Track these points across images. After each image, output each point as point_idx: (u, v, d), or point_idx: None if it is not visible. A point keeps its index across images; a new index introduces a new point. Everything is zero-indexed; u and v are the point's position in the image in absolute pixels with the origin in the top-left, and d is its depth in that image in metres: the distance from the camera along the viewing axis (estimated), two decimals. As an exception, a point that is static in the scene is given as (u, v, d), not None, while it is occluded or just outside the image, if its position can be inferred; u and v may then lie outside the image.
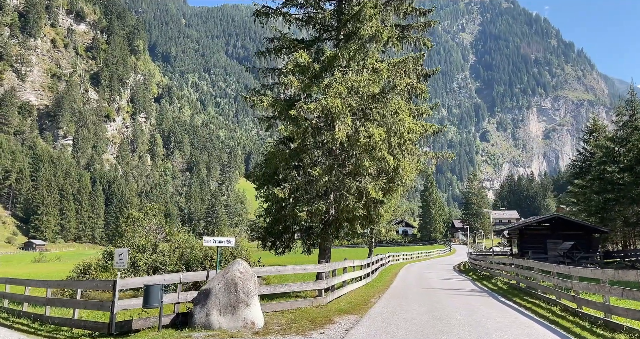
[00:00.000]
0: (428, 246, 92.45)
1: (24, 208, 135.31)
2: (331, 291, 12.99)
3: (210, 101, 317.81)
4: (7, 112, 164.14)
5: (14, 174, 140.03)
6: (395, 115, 14.90)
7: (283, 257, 17.83)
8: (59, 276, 26.22)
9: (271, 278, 20.63)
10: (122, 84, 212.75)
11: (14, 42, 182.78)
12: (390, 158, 14.55)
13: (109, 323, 8.68)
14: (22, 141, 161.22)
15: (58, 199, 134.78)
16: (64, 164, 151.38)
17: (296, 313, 10.78)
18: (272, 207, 15.25)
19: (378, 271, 25.62)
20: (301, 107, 13.94)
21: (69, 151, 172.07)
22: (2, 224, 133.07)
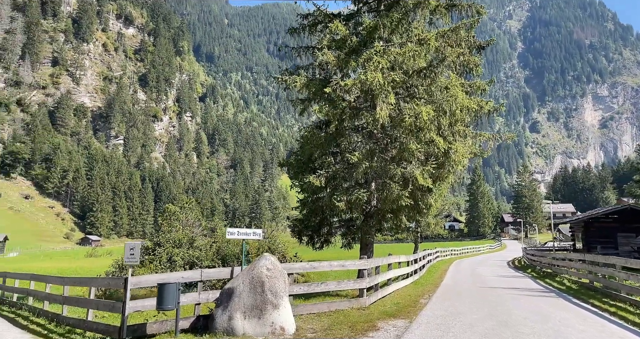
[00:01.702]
0: (476, 241, 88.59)
1: (80, 205, 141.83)
2: (374, 291, 11.49)
3: (253, 98, 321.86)
4: (64, 114, 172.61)
5: (71, 173, 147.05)
6: (445, 91, 13.13)
7: (321, 252, 16.47)
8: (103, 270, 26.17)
9: (311, 275, 19.36)
10: (169, 84, 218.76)
11: (69, 47, 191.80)
12: (440, 140, 12.81)
13: (120, 327, 7.61)
14: (78, 142, 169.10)
15: (111, 196, 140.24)
16: (115, 163, 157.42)
17: (334, 316, 9.37)
18: (308, 198, 13.90)
19: (426, 268, 23.80)
20: (337, 84, 12.45)
21: (120, 150, 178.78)
22: (61, 221, 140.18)
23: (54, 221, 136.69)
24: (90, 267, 34.12)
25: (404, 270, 16.13)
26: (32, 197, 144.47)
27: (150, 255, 20.51)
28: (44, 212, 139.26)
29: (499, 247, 71.02)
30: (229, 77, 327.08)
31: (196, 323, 8.26)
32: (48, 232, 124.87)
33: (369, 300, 10.55)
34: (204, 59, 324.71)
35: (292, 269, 9.33)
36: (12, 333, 9.11)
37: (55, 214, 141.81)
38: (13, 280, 13.26)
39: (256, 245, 19.14)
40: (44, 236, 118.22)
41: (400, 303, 11.77)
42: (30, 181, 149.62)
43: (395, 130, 13.27)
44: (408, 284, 16.16)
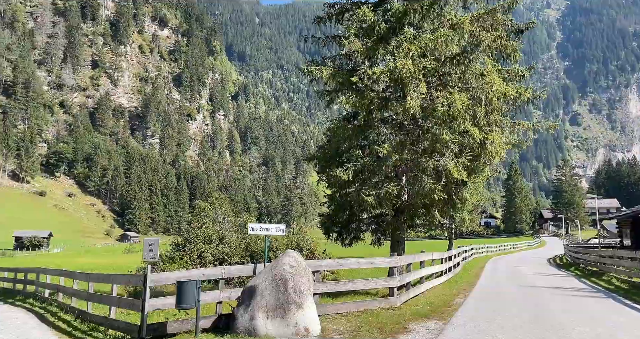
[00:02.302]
0: (513, 238, 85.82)
1: (119, 203, 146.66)
2: (406, 290, 10.90)
3: (284, 96, 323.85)
4: (103, 115, 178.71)
5: (110, 172, 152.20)
6: (480, 78, 12.33)
7: (351, 249, 15.98)
8: (137, 266, 26.54)
9: (341, 273, 18.87)
10: (202, 83, 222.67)
11: (107, 49, 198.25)
12: (476, 130, 12.04)
13: (140, 326, 7.37)
14: (116, 141, 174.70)
15: (148, 194, 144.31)
16: (152, 162, 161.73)
17: (362, 316, 8.86)
18: (335, 193, 13.40)
19: (461, 265, 22.89)
20: (365, 73, 11.88)
21: (156, 149, 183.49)
22: (102, 218, 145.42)
23: (95, 218, 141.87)
24: (126, 263, 34.81)
25: (438, 268, 15.43)
26: (75, 195, 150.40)
27: (181, 251, 20.54)
28: (85, 210, 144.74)
29: (538, 244, 68.45)
30: (260, 76, 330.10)
31: (218, 322, 7.95)
32: (90, 228, 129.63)
33: (400, 299, 9.98)
34: (235, 58, 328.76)
35: (318, 266, 8.88)
36: (39, 330, 9.09)
37: (96, 211, 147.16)
38: (45, 276, 13.41)
39: (285, 241, 18.83)
40: (86, 233, 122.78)
41: (434, 302, 11.14)
42: (73, 180, 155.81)
43: (427, 120, 12.60)
44: (442, 282, 15.45)
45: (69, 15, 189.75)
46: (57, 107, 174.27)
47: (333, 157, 13.22)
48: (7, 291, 16.82)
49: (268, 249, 9.28)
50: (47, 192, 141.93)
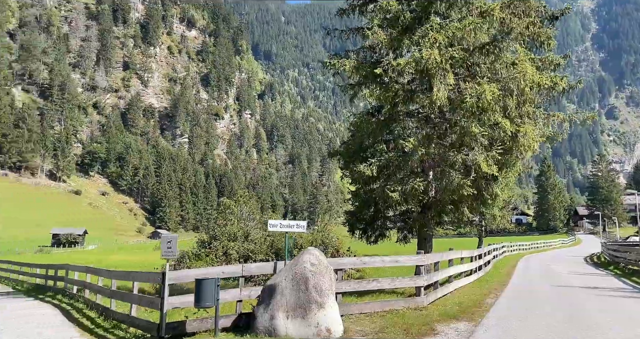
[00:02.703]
0: (546, 235, 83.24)
1: (150, 201, 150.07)
2: (433, 289, 10.48)
3: (310, 94, 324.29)
4: (134, 115, 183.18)
5: (141, 171, 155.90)
6: (512, 67, 11.73)
7: (376, 247, 15.57)
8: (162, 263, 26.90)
9: (367, 271, 18.51)
10: (229, 83, 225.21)
11: (137, 51, 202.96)
12: (507, 123, 11.47)
13: (159, 324, 7.25)
14: (147, 141, 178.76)
15: (178, 192, 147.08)
16: (181, 160, 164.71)
17: (387, 316, 8.51)
18: (360, 189, 13.04)
19: (491, 264, 22.14)
20: (389, 65, 11.47)
21: (185, 148, 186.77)
22: (134, 215, 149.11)
23: (127, 216, 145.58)
24: (156, 260, 35.38)
25: (467, 266, 14.87)
26: (108, 193, 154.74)
27: (207, 248, 20.59)
28: (118, 208, 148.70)
29: (573, 242, 66.14)
30: (286, 74, 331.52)
31: (238, 322, 7.75)
32: (122, 226, 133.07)
33: (427, 299, 9.58)
34: (262, 57, 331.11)
35: (340, 264, 8.57)
36: (62, 326, 9.14)
37: (128, 209, 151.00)
38: (73, 273, 13.60)
39: (309, 239, 18.61)
40: (119, 230, 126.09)
41: (463, 302, 10.67)
42: (106, 179, 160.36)
43: (455, 113, 12.09)
44: (471, 281, 14.89)
45: (101, 19, 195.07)
46: (90, 108, 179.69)
47: (357, 153, 12.86)
48: (39, 287, 17.23)
49: (289, 246, 9.06)
50: (82, 191, 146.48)
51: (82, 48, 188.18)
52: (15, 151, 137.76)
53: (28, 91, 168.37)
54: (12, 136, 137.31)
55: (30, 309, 11.76)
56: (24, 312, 11.21)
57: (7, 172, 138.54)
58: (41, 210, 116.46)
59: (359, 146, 12.71)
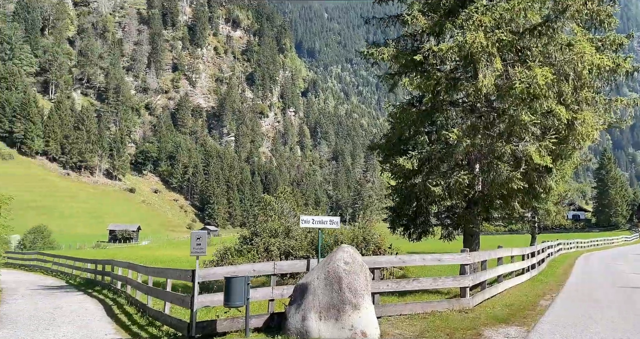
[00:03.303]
0: (607, 232, 78.22)
1: (199, 198, 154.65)
2: (480, 289, 9.76)
3: (353, 90, 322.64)
4: (183, 115, 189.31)
5: (190, 169, 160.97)
6: (567, 49, 10.72)
7: (420, 244, 14.88)
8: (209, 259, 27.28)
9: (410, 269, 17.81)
10: (273, 81, 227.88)
11: (185, 53, 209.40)
12: (562, 109, 10.50)
13: (189, 323, 7.06)
14: (195, 140, 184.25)
15: (225, 189, 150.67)
16: (228, 159, 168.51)
17: (429, 319, 7.93)
18: (401, 184, 12.42)
19: (546, 262, 20.79)
20: (430, 51, 10.79)
21: (232, 146, 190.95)
22: (184, 212, 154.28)
23: (178, 213, 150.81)
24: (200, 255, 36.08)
25: (519, 265, 13.90)
26: (160, 191, 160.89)
27: (248, 244, 20.60)
28: (170, 205, 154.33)
29: (637, 239, 61.74)
30: (329, 71, 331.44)
31: (270, 322, 7.45)
32: (173, 222, 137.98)
33: (473, 301, 8.89)
34: (305, 54, 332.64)
35: (377, 263, 8.07)
36: (101, 322, 9.23)
37: (179, 206, 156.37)
38: (118, 268, 13.87)
39: (350, 235, 18.14)
40: (170, 226, 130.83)
41: (514, 304, 9.87)
42: (158, 177, 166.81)
43: (503, 100, 11.21)
44: (523, 281, 13.91)
45: (152, 23, 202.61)
46: (143, 110, 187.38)
47: (396, 146, 12.25)
48: (89, 281, 17.84)
49: (323, 243, 8.67)
50: (136, 189, 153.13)
51: (134, 52, 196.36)
52: (76, 151, 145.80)
53: (86, 94, 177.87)
54: (72, 137, 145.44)
55: (77, 304, 12.08)
56: (70, 307, 11.50)
57: (69, 171, 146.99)
58: (100, 207, 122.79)
59: (399, 138, 12.09)
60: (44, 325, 8.88)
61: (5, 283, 19.12)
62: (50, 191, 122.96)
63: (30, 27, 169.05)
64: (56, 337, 7.64)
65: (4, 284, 18.40)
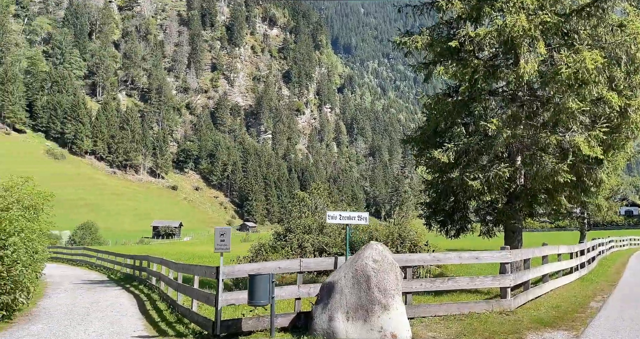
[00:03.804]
0: (666, 230, 73.33)
1: (238, 195, 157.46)
2: (523, 290, 9.12)
3: (390, 85, 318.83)
4: (222, 114, 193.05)
5: (229, 166, 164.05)
6: (619, 31, 9.85)
7: (458, 241, 14.25)
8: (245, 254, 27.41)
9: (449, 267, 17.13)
10: (309, 78, 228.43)
11: (224, 53, 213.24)
12: (613, 96, 9.65)
13: (214, 322, 6.89)
14: (234, 138, 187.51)
15: (263, 186, 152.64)
16: (265, 156, 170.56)
17: (466, 321, 7.42)
18: (437, 178, 11.84)
19: (596, 261, 19.54)
20: (466, 36, 10.18)
21: (269, 144, 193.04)
22: (224, 209, 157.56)
23: (218, 209, 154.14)
24: (236, 251, 36.45)
25: (566, 264, 13.02)
26: (201, 188, 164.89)
27: (282, 241, 20.51)
28: (210, 202, 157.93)
29: (698, 237, 57.55)
30: (365, 66, 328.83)
31: (297, 321, 7.18)
32: (214, 219, 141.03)
33: (515, 302, 8.28)
34: (341, 50, 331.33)
35: (409, 261, 7.63)
36: (132, 318, 9.26)
37: (219, 203, 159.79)
38: (153, 264, 14.03)
39: (385, 232, 17.67)
40: (211, 223, 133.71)
41: (561, 306, 9.16)
42: (199, 175, 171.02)
43: (547, 87, 10.44)
44: (572, 281, 13.03)
45: (191, 24, 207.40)
46: (184, 109, 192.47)
47: (431, 138, 11.68)
48: (128, 276, 18.25)
49: (351, 239, 8.29)
50: (178, 186, 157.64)
51: (175, 53, 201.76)
52: (122, 150, 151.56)
53: (130, 95, 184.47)
54: (118, 137, 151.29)
55: (113, 299, 12.29)
56: (106, 302, 11.70)
57: (115, 170, 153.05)
58: (144, 204, 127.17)
59: (434, 130, 11.51)
60: (77, 320, 9.00)
61: (52, 277, 19.89)
62: (98, 189, 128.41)
63: (79, 32, 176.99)
64: (86, 333, 7.68)
65: (50, 278, 19.12)
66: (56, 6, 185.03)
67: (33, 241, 10.17)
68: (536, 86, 11.34)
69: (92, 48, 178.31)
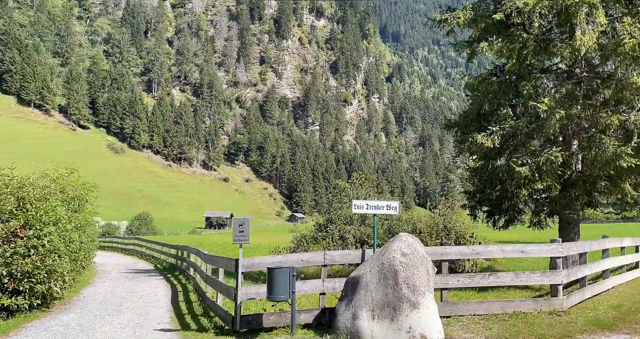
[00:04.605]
0: None
1: (287, 186, 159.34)
2: (579, 287, 8.17)
3: (441, 72, 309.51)
4: (270, 107, 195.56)
5: (278, 158, 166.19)
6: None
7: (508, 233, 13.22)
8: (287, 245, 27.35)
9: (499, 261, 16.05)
10: (356, 68, 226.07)
11: (272, 46, 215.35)
12: (687, 67, 8.37)
13: (234, 316, 6.57)
14: (282, 130, 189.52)
15: (311, 178, 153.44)
16: (313, 147, 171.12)
17: (509, 322, 6.66)
18: (484, 165, 10.93)
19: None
20: (513, 6, 9.18)
21: (316, 136, 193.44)
22: (273, 200, 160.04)
23: (268, 201, 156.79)
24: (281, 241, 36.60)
25: (632, 258, 11.70)
26: (251, 180, 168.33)
27: (323, 232, 20.16)
28: (260, 193, 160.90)
29: None
30: (415, 54, 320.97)
31: (321, 318, 6.73)
32: (264, 210, 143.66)
33: (569, 301, 7.39)
34: (389, 39, 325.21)
35: (445, 254, 6.95)
36: (160, 309, 9.20)
37: (268, 194, 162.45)
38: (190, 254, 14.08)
39: (429, 223, 16.81)
40: (261, 214, 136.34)
41: (623, 305, 8.12)
42: (249, 167, 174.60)
43: (609, 61, 9.28)
44: (638, 277, 11.70)
45: (240, 19, 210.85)
46: (234, 103, 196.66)
47: (475, 122, 10.76)
48: (172, 266, 18.58)
49: (377, 231, 7.70)
50: (229, 178, 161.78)
51: (225, 47, 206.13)
52: (176, 144, 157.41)
53: (184, 90, 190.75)
54: (173, 131, 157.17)
55: (150, 289, 12.41)
56: (142, 292, 11.81)
57: (170, 163, 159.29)
58: (198, 195, 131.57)
59: (477, 113, 10.58)
60: (109, 311, 9.05)
61: (103, 265, 20.68)
62: (155, 181, 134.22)
63: (135, 31, 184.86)
64: (112, 325, 7.64)
65: (102, 267, 19.87)
66: (115, 7, 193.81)
67: (69, 231, 10.34)
68: (595, 61, 10.15)
69: (147, 46, 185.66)
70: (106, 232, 56.03)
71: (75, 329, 7.33)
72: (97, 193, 15.89)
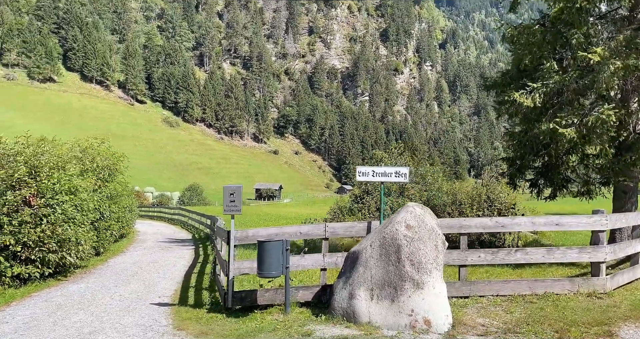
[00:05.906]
0: None
1: (336, 158, 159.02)
2: (631, 265, 7.03)
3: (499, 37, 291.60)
4: (319, 78, 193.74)
5: (327, 130, 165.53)
6: None
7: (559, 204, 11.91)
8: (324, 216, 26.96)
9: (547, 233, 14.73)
10: (408, 35, 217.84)
11: (320, 15, 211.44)
12: None
13: (225, 292, 6.13)
14: (331, 102, 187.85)
15: (360, 150, 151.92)
16: (362, 119, 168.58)
17: (536, 304, 5.74)
18: (520, 128, 9.69)
19: None
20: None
21: (366, 107, 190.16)
22: (322, 172, 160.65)
23: (317, 173, 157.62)
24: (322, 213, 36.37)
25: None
26: (300, 152, 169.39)
27: (359, 203, 19.55)
28: (309, 165, 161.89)
29: None
30: (471, 18, 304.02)
31: (321, 295, 6.14)
32: (313, 182, 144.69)
33: (613, 281, 6.33)
34: (444, 3, 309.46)
35: (463, 227, 6.06)
36: (171, 282, 9.02)
37: (317, 166, 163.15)
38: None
39: (471, 194, 15.68)
40: (310, 185, 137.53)
41: (685, 290, 6.91)
42: (298, 139, 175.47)
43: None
44: None
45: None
46: (282, 75, 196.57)
47: (515, 79, 9.47)
48: (207, 236, 18.70)
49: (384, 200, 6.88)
50: (279, 150, 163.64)
51: (273, 19, 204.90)
52: (227, 117, 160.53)
53: (234, 63, 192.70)
54: (224, 104, 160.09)
55: (174, 259, 12.38)
56: (165, 262, 11.79)
57: (222, 136, 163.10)
58: (249, 168, 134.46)
59: (517, 68, 9.28)
60: (120, 281, 8.98)
61: (145, 234, 21.26)
62: (208, 154, 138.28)
63: (187, 6, 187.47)
64: (113, 296, 7.48)
65: (142, 236, 20.41)
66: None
67: (91, 201, 10.32)
68: (664, 1, 8.50)
69: (198, 20, 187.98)
70: (159, 202, 58.37)
71: (75, 300, 7.22)
72: (129, 163, 16.04)
